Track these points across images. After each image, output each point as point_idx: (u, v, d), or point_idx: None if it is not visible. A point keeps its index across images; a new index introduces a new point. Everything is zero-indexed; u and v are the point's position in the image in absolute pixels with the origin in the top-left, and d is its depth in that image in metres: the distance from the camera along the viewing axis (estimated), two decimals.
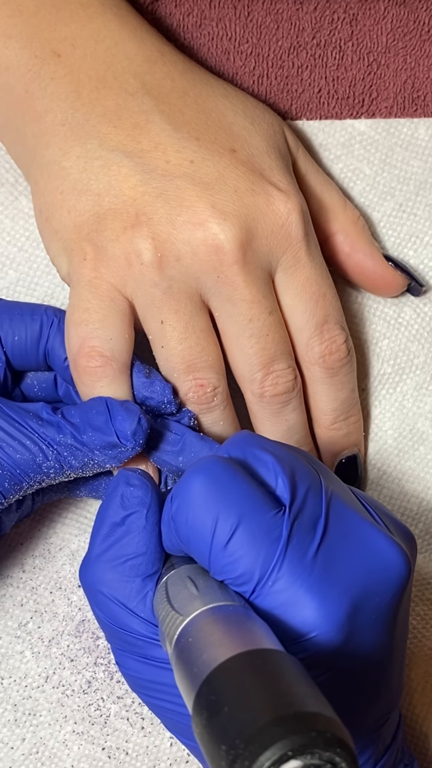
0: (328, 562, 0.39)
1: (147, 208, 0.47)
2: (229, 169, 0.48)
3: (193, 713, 0.32)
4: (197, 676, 0.32)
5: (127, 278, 0.47)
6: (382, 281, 0.54)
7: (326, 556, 0.39)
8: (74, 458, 0.46)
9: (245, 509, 0.39)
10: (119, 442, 0.46)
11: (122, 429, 0.46)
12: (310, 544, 0.39)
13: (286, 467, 0.41)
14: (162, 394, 0.48)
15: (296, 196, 0.49)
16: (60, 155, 0.48)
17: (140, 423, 0.46)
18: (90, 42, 0.49)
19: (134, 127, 0.48)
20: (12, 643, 0.52)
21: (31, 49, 0.49)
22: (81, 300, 0.47)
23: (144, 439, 0.46)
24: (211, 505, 0.39)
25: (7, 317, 0.49)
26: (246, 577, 0.39)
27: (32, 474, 0.46)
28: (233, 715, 0.29)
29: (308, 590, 0.38)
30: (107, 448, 0.46)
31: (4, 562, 0.53)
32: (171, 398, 0.48)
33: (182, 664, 0.35)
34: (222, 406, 0.49)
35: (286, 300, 0.50)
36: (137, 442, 0.46)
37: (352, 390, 0.52)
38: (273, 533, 0.39)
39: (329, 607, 0.38)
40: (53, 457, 0.46)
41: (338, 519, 0.40)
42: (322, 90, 0.56)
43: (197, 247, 0.47)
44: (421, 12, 0.55)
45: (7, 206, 0.54)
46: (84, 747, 0.51)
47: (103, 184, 0.48)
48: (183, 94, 0.49)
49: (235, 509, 0.39)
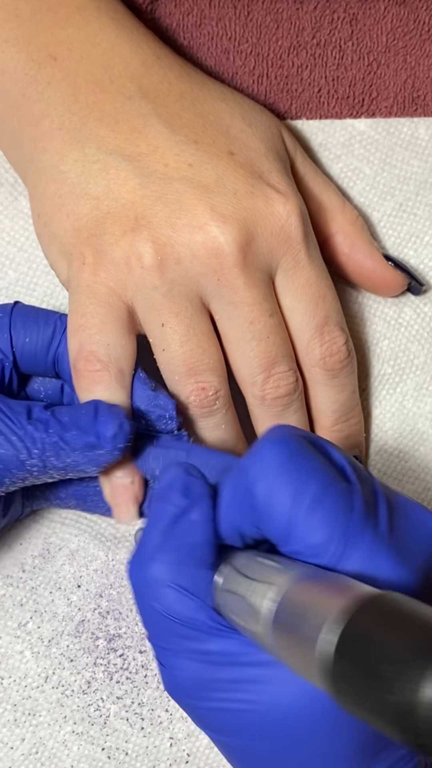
0: (397, 534, 0.39)
1: (146, 212, 0.47)
2: (228, 172, 0.48)
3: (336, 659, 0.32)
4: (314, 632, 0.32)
5: (127, 282, 0.47)
6: (381, 281, 0.54)
7: (394, 529, 0.39)
8: (56, 458, 0.45)
9: (324, 478, 0.39)
10: (98, 443, 0.45)
11: (103, 430, 0.45)
12: (380, 515, 0.39)
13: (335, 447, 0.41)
14: (164, 408, 0.48)
15: (295, 197, 0.49)
16: (57, 159, 0.48)
17: (122, 427, 0.45)
18: (86, 45, 0.49)
19: (132, 130, 0.48)
20: (12, 643, 0.52)
21: (28, 53, 0.49)
22: (79, 305, 0.47)
23: (124, 444, 0.45)
24: (292, 472, 0.39)
25: (21, 319, 0.49)
26: (324, 547, 0.38)
27: (15, 470, 0.45)
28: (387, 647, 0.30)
29: (386, 558, 0.38)
30: (87, 449, 0.45)
31: (3, 562, 0.53)
32: (173, 414, 0.48)
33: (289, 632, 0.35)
34: (224, 410, 0.49)
35: (286, 302, 0.50)
36: (116, 445, 0.45)
37: (352, 391, 0.52)
38: (350, 502, 0.38)
39: (408, 574, 0.38)
40: (36, 455, 0.45)
41: (389, 496, 0.40)
42: (322, 89, 0.56)
43: (197, 250, 0.47)
44: (421, 11, 0.55)
45: (6, 206, 0.54)
46: (84, 747, 0.51)
47: (101, 187, 0.47)
48: (180, 98, 0.49)
49: (315, 478, 0.39)
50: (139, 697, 0.52)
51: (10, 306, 0.49)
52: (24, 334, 0.49)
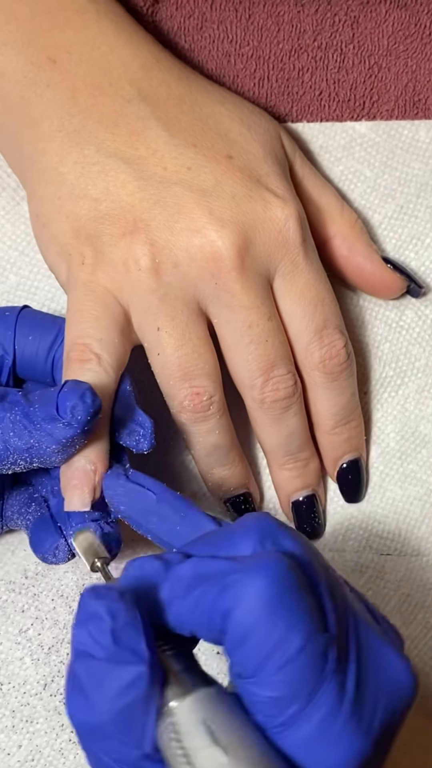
0: (360, 690, 0.37)
1: (145, 215, 0.47)
2: (226, 176, 0.48)
3: None
4: None
5: (124, 284, 0.47)
6: (381, 283, 0.54)
7: (359, 684, 0.37)
8: (19, 438, 0.43)
9: (311, 628, 0.36)
10: (57, 415, 0.43)
11: (63, 401, 0.43)
12: (348, 671, 0.37)
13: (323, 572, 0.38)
14: (141, 425, 0.47)
15: (293, 201, 0.49)
16: (57, 161, 0.48)
17: (83, 398, 0.43)
18: (86, 48, 0.49)
19: (131, 133, 0.48)
20: (12, 649, 0.52)
21: (27, 56, 0.49)
22: (76, 301, 0.47)
23: (84, 417, 0.43)
24: (281, 615, 0.36)
25: (28, 321, 0.49)
26: (287, 702, 0.36)
27: None
28: None
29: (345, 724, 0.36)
30: (47, 421, 0.43)
31: (6, 568, 0.53)
32: (148, 434, 0.46)
33: None
34: (218, 415, 0.49)
35: (285, 306, 0.49)
36: (75, 417, 0.43)
37: (352, 394, 0.52)
38: (324, 658, 0.36)
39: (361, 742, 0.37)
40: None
41: (362, 638, 0.39)
42: (323, 92, 0.56)
43: (195, 254, 0.47)
44: (422, 15, 0.55)
45: (8, 211, 0.55)
46: (80, 756, 0.51)
47: (100, 189, 0.47)
48: (179, 101, 0.49)
49: (304, 627, 0.36)
50: None
51: (19, 307, 0.49)
52: (28, 333, 0.48)
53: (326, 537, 0.55)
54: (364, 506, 0.55)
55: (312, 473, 0.53)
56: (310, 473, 0.53)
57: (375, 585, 0.54)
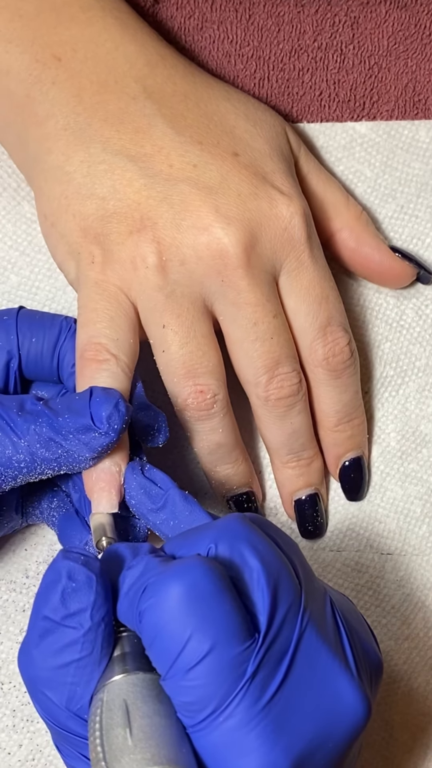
0: (286, 705, 0.37)
1: (151, 213, 0.47)
2: (232, 173, 0.48)
3: None
4: None
5: (132, 282, 0.47)
6: (390, 273, 0.54)
7: (286, 699, 0.37)
8: (47, 449, 0.43)
9: (220, 636, 0.36)
10: (93, 425, 0.43)
11: (97, 411, 0.43)
12: (271, 683, 0.37)
13: (272, 581, 0.38)
14: (154, 419, 0.47)
15: (299, 199, 0.49)
16: (63, 160, 0.48)
17: (117, 407, 0.43)
18: (91, 46, 0.49)
19: (137, 131, 0.48)
20: (13, 649, 0.52)
21: (32, 54, 0.49)
22: (89, 301, 0.47)
23: (120, 426, 0.43)
24: (187, 621, 0.36)
25: (27, 322, 0.49)
26: (198, 706, 0.37)
27: (1, 468, 0.44)
28: None
29: (257, 737, 0.36)
30: (81, 431, 0.43)
31: (8, 567, 0.53)
32: (162, 427, 0.47)
33: None
34: (222, 413, 0.49)
35: (290, 303, 0.50)
36: (111, 426, 0.43)
37: (355, 392, 0.52)
38: (240, 668, 0.36)
39: (275, 757, 0.36)
40: (24, 449, 0.43)
41: (306, 652, 0.38)
42: (323, 93, 0.56)
43: (201, 251, 0.47)
44: (422, 15, 0.55)
45: (9, 211, 0.54)
46: None
47: (107, 188, 0.47)
48: (184, 98, 0.49)
49: (211, 633, 0.36)
50: None
51: (16, 309, 0.49)
52: (30, 335, 0.48)
53: (326, 536, 0.55)
54: (364, 506, 0.55)
55: (315, 472, 0.53)
56: (314, 472, 0.53)
57: (375, 585, 0.54)
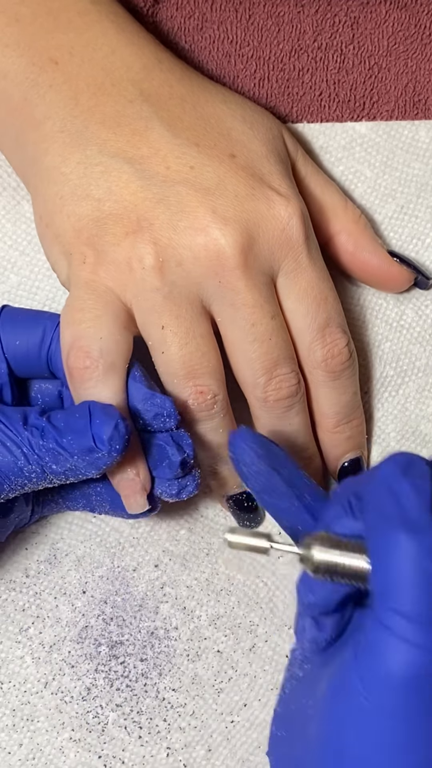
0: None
1: (148, 214, 0.47)
2: (229, 175, 0.48)
3: None
4: None
5: (128, 283, 0.47)
6: (388, 277, 0.54)
7: None
8: (56, 463, 0.45)
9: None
10: (95, 447, 0.45)
11: (99, 433, 0.45)
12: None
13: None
14: (161, 406, 0.47)
15: (296, 200, 0.49)
16: (59, 161, 0.48)
17: (117, 428, 0.45)
18: (87, 49, 0.49)
19: (133, 133, 0.48)
20: (12, 648, 0.52)
21: (29, 57, 0.49)
22: (76, 300, 0.47)
23: (122, 445, 0.45)
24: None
25: (10, 321, 0.49)
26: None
27: (13, 477, 0.45)
28: None
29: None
30: (85, 453, 0.45)
31: (7, 567, 0.53)
32: (171, 411, 0.47)
33: None
34: (222, 414, 0.49)
35: (288, 304, 0.50)
36: (113, 447, 0.45)
37: (354, 393, 0.52)
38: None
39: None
40: (35, 461, 0.45)
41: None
42: (323, 93, 0.56)
43: (199, 252, 0.47)
44: (422, 15, 0.55)
45: (9, 210, 0.54)
46: (80, 754, 0.51)
47: (103, 189, 0.47)
48: (181, 101, 0.49)
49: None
50: (138, 706, 0.52)
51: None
52: (14, 337, 0.49)
53: None
54: None
55: (314, 473, 0.53)
56: (313, 473, 0.53)
57: None
